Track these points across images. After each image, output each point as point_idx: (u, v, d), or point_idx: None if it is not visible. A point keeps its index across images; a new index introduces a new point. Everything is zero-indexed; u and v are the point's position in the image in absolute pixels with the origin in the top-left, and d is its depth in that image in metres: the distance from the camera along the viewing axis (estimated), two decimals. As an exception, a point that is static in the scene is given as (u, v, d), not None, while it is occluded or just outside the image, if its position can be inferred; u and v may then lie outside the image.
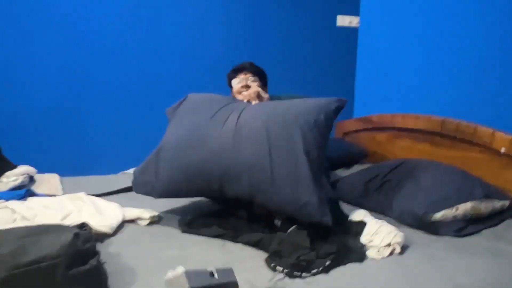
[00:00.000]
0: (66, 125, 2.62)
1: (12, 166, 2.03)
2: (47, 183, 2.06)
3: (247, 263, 1.31)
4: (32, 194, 1.81)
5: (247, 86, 2.04)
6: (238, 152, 1.53)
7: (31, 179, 2.07)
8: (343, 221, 1.61)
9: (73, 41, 2.57)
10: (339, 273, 1.27)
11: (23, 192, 1.78)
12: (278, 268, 1.26)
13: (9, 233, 1.16)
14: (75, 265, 1.05)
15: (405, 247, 1.43)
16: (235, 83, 2.07)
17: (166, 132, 1.77)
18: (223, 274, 0.54)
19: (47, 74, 2.55)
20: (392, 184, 1.84)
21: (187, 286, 0.46)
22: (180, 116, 1.78)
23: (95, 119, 2.67)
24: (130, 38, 2.69)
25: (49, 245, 1.05)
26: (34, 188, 1.92)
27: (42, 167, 2.19)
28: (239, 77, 2.07)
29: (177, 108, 1.83)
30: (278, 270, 1.26)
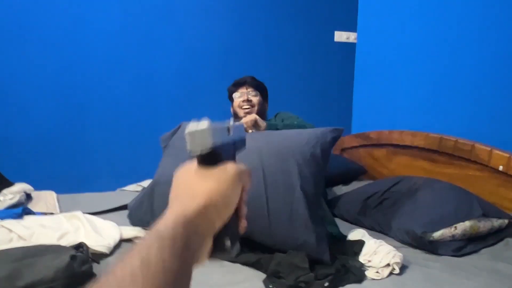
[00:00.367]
0: (63, 142, 2.62)
1: (9, 184, 2.03)
2: (44, 200, 2.05)
3: (245, 284, 1.30)
4: (29, 213, 1.79)
5: (248, 100, 2.06)
6: None
7: (28, 196, 2.06)
8: (342, 240, 1.60)
9: (72, 60, 2.58)
10: (338, 295, 1.26)
11: (20, 211, 1.76)
12: (276, 289, 1.25)
13: (4, 255, 1.15)
14: (71, 289, 1.04)
15: (403, 267, 1.42)
16: (236, 97, 2.09)
17: (160, 165, 1.77)
18: (235, 130, 0.53)
19: (45, 92, 2.55)
20: (390, 202, 1.83)
21: (210, 142, 0.44)
22: (174, 147, 1.78)
23: (92, 136, 2.67)
24: (128, 58, 2.69)
25: (45, 268, 1.05)
26: (31, 206, 1.91)
27: (39, 184, 2.18)
28: (240, 91, 2.08)
29: (171, 137, 1.83)
30: (276, 292, 1.25)
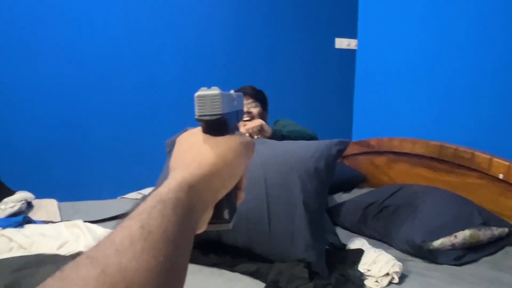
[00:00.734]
0: (64, 150, 2.62)
1: (10, 192, 2.03)
2: (45, 208, 2.06)
3: (244, 294, 1.30)
4: (29, 221, 1.80)
5: (248, 112, 2.05)
6: None
7: (29, 204, 2.06)
8: (341, 250, 1.60)
9: (71, 67, 2.59)
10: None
11: (20, 219, 1.76)
12: (275, 299, 1.25)
13: (4, 265, 1.15)
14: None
15: (403, 276, 1.42)
16: None
17: (164, 169, 1.76)
18: (238, 99, 0.53)
19: (45, 100, 2.56)
20: (390, 211, 1.83)
21: (220, 107, 0.44)
22: None
23: (93, 144, 2.67)
24: (130, 65, 2.70)
25: (43, 279, 1.04)
26: (32, 214, 1.92)
27: (40, 192, 2.18)
28: None
29: None
30: (275, 302, 1.25)
